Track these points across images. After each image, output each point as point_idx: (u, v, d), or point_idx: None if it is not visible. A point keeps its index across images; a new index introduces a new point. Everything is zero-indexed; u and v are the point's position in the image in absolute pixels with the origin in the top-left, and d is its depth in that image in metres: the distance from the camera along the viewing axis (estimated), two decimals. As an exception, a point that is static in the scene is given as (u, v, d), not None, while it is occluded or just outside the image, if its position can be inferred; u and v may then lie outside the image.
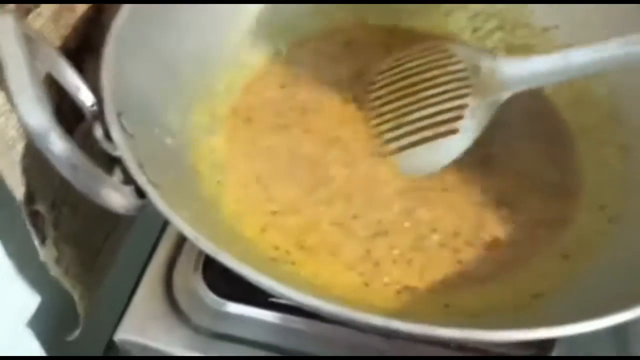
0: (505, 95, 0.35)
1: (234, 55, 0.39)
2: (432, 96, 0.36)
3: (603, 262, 0.31)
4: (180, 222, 0.24)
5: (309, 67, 0.41)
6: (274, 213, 0.34)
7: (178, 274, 0.36)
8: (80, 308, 0.40)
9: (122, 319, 0.34)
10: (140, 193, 0.25)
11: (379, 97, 0.38)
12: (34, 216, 0.35)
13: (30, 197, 0.34)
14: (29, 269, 0.40)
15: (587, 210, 0.35)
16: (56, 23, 0.37)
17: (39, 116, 0.21)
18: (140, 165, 0.27)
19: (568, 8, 0.41)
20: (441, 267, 0.32)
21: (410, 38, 0.43)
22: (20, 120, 0.21)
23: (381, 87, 0.38)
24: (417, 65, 0.38)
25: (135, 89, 0.31)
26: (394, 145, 0.36)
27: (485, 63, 0.36)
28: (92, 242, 0.44)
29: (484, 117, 0.35)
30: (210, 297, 0.35)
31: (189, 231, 0.24)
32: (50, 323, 0.44)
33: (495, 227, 0.34)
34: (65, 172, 0.21)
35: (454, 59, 0.37)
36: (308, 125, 0.38)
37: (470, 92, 0.35)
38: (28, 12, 0.34)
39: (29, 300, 0.42)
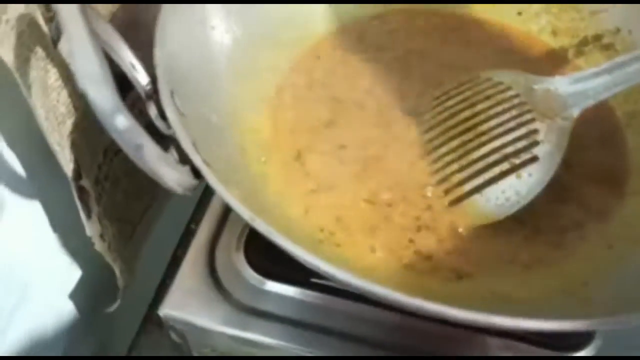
0: (574, 112, 0.34)
1: (281, 34, 0.39)
2: (494, 127, 0.34)
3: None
4: (236, 203, 0.24)
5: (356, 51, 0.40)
6: (313, 191, 0.34)
7: (220, 251, 0.37)
8: (120, 281, 0.41)
9: (166, 294, 0.35)
10: (196, 173, 0.26)
11: (431, 140, 0.36)
12: (80, 192, 0.35)
13: (77, 173, 0.35)
14: (72, 242, 0.41)
15: (633, 197, 0.34)
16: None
17: (106, 96, 0.21)
18: (194, 145, 0.27)
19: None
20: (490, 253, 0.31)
21: (451, 22, 0.43)
22: (88, 100, 0.21)
23: (431, 129, 0.36)
24: (463, 100, 0.36)
25: (187, 67, 0.31)
26: (468, 187, 0.33)
27: (537, 85, 0.35)
28: (131, 217, 0.45)
29: (561, 139, 0.33)
30: (252, 275, 0.36)
31: (244, 212, 0.24)
32: (91, 295, 0.45)
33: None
34: (130, 152, 0.22)
35: (501, 87, 0.36)
36: (357, 104, 0.38)
37: (535, 116, 0.34)
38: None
39: (70, 273, 0.43)
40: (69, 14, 0.22)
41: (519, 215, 0.32)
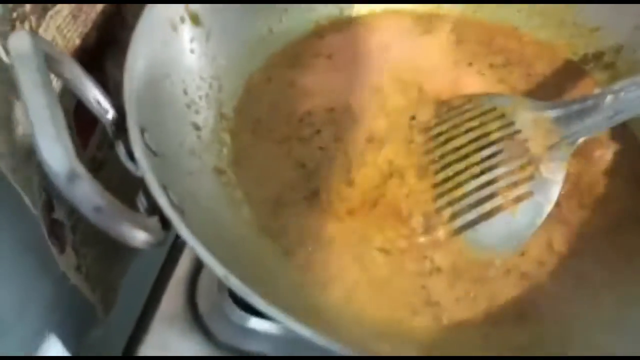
0: (571, 145, 0.32)
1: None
2: (487, 158, 0.32)
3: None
4: (209, 258, 0.22)
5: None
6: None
7: (202, 288, 0.35)
8: (99, 311, 0.40)
9: (146, 333, 0.33)
10: (165, 222, 0.24)
11: (424, 167, 0.34)
12: (53, 224, 0.34)
13: (48, 204, 0.33)
14: (51, 275, 0.39)
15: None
16: (76, 19, 0.35)
17: (60, 156, 0.19)
18: (165, 188, 0.25)
19: (616, 9, 0.38)
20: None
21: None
22: (39, 158, 0.19)
23: (427, 153, 0.34)
24: (455, 126, 0.34)
25: (159, 99, 0.29)
26: (459, 222, 0.31)
27: (533, 112, 0.33)
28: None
29: (557, 173, 0.32)
30: (235, 312, 0.34)
31: (218, 268, 0.22)
32: (73, 325, 0.43)
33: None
34: (87, 214, 0.20)
35: (495, 113, 0.34)
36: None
37: (530, 147, 0.32)
38: (46, 10, 0.32)
39: (52, 306, 0.41)
40: (21, 61, 0.20)
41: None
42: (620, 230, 0.33)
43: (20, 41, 0.21)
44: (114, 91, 0.32)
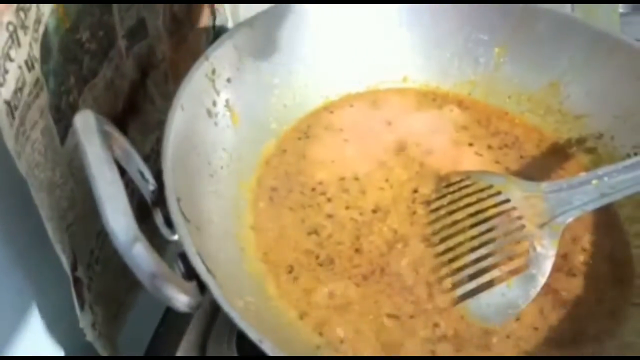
0: (562, 222, 0.35)
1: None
2: (484, 233, 0.35)
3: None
4: (243, 323, 0.25)
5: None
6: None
7: (213, 343, 0.36)
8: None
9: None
10: (201, 287, 0.26)
11: (426, 238, 0.36)
12: (75, 283, 0.35)
13: (74, 265, 0.35)
14: (58, 329, 0.40)
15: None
16: (108, 91, 0.38)
17: (125, 226, 0.21)
18: (199, 254, 0.27)
19: (601, 98, 0.43)
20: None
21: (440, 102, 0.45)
22: (107, 228, 0.21)
23: (428, 224, 0.37)
24: (456, 200, 0.37)
25: (190, 170, 0.32)
26: (459, 292, 0.34)
27: (526, 191, 0.36)
28: (118, 295, 0.44)
29: (550, 248, 0.34)
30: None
31: (252, 332, 0.24)
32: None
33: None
34: (144, 280, 0.22)
35: (491, 191, 0.37)
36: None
37: (524, 223, 0.35)
38: (85, 83, 0.35)
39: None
40: (86, 135, 0.23)
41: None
42: (604, 295, 0.36)
43: (85, 119, 0.23)
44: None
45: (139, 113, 0.43)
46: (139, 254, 0.21)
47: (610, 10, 0.58)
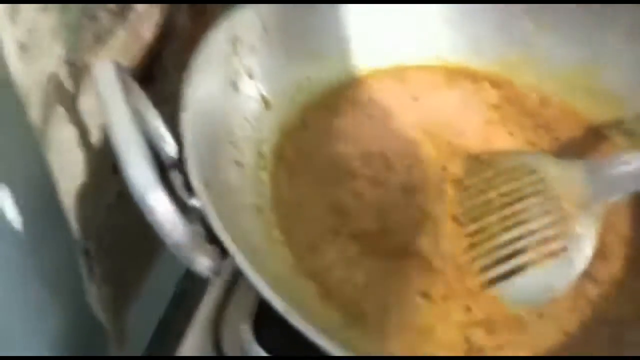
0: (602, 203, 0.33)
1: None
2: (521, 212, 0.33)
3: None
4: (269, 293, 0.23)
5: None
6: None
7: (227, 326, 0.34)
8: (114, 345, 0.39)
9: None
10: (223, 252, 0.24)
11: (456, 218, 0.34)
12: (85, 254, 0.33)
13: (84, 233, 0.33)
14: (63, 299, 0.39)
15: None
16: (125, 54, 0.36)
17: (144, 173, 0.19)
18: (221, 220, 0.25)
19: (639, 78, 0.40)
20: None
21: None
22: (124, 174, 0.20)
23: (459, 203, 0.35)
24: (488, 179, 0.35)
25: (209, 137, 0.30)
26: (491, 274, 0.32)
27: (563, 170, 0.34)
28: (127, 273, 0.43)
29: (590, 231, 0.32)
30: (261, 353, 0.33)
31: (278, 303, 0.22)
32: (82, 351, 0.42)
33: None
34: (162, 232, 0.20)
35: (525, 169, 0.35)
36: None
37: (561, 204, 0.33)
38: (101, 42, 0.33)
39: (60, 332, 0.40)
40: (106, 84, 0.21)
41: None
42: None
43: (105, 71, 0.22)
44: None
45: (152, 82, 0.41)
46: (159, 203, 0.19)
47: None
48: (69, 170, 0.30)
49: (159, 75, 0.42)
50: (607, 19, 0.41)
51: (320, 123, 0.39)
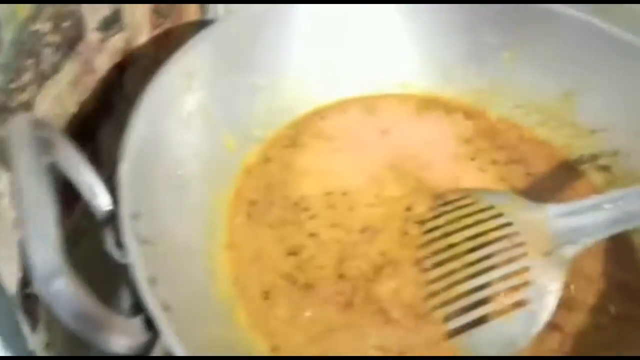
0: (569, 252, 0.31)
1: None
2: (483, 259, 0.31)
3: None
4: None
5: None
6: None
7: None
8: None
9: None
10: (149, 323, 0.22)
11: (419, 262, 0.33)
12: (27, 301, 0.32)
13: (24, 281, 0.31)
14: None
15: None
16: (74, 88, 0.35)
17: (45, 255, 0.18)
18: (153, 281, 0.24)
19: (618, 112, 0.39)
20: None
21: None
22: (26, 254, 0.18)
23: (421, 247, 0.33)
24: (452, 221, 0.34)
25: (154, 184, 0.29)
26: (452, 325, 0.30)
27: (531, 213, 0.33)
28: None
29: (555, 281, 0.31)
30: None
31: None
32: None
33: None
34: (66, 319, 0.18)
35: (493, 212, 0.33)
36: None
37: (527, 251, 0.31)
38: (45, 79, 0.32)
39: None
40: (17, 146, 0.19)
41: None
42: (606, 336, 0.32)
43: (18, 125, 0.20)
44: (106, 163, 0.31)
45: (113, 114, 0.39)
46: (60, 292, 0.18)
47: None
48: (4, 217, 0.28)
49: (119, 105, 0.40)
50: (584, 48, 0.40)
51: (283, 158, 0.38)
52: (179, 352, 0.22)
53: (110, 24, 0.37)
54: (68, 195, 0.34)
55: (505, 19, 0.41)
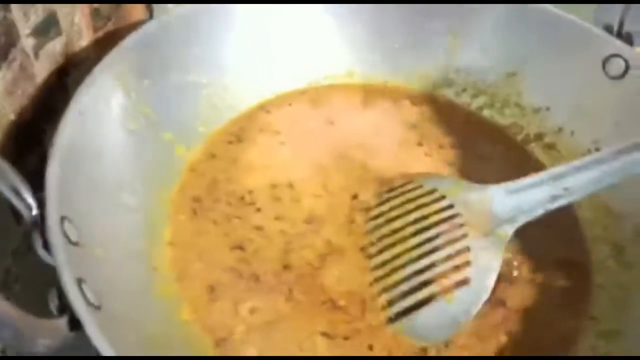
0: (508, 230, 0.31)
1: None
2: (425, 242, 0.32)
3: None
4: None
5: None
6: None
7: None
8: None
9: None
10: (75, 322, 0.23)
11: (364, 249, 0.33)
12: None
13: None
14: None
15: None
16: (11, 95, 0.34)
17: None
18: (81, 281, 0.24)
19: (559, 90, 0.39)
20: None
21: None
22: None
23: (366, 234, 0.33)
24: (394, 208, 0.34)
25: (90, 185, 0.29)
26: (395, 309, 0.30)
27: (472, 194, 0.33)
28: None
29: (494, 259, 0.31)
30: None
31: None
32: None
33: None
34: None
35: (435, 195, 0.34)
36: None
37: (468, 231, 0.32)
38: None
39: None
40: None
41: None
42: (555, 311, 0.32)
43: None
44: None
45: (57, 118, 0.39)
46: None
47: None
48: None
49: (64, 109, 0.40)
50: (523, 29, 0.40)
51: (228, 154, 0.38)
52: (105, 351, 0.22)
53: (45, 29, 0.37)
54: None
55: (447, 2, 0.41)
